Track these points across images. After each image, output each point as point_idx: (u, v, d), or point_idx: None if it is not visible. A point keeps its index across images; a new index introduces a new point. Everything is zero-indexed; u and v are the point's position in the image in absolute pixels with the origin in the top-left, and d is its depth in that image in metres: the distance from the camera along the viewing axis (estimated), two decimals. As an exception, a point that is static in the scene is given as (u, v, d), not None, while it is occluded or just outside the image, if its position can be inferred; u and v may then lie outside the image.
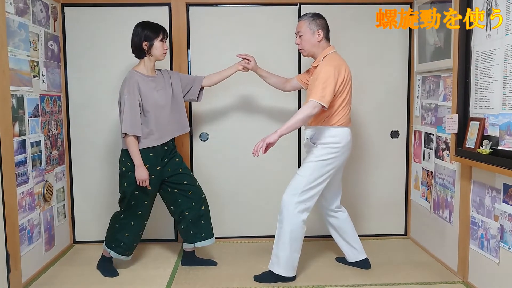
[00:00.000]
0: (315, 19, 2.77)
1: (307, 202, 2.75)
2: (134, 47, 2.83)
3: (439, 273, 2.97)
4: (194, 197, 2.99)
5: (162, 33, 2.82)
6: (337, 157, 2.76)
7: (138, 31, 2.80)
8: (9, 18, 2.64)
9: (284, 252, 2.76)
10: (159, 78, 2.91)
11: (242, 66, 3.05)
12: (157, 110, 2.82)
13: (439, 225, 3.15)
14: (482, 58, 2.53)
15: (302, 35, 2.80)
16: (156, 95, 2.83)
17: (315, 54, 2.82)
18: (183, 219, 3.00)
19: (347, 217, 3.01)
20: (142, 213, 2.90)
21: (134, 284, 2.85)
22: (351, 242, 3.01)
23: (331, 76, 2.63)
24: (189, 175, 3.02)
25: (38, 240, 3.00)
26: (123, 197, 2.88)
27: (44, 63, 3.11)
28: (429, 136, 3.26)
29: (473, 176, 2.69)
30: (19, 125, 2.76)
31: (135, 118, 2.72)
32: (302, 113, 2.62)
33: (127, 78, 2.78)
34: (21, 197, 2.78)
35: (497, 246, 2.47)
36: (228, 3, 3.46)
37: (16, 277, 2.69)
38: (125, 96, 2.72)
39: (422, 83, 3.38)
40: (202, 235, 3.02)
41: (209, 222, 3.06)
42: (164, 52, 2.85)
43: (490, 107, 2.47)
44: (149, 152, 2.81)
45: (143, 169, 2.75)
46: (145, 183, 2.77)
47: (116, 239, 2.92)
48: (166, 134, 2.90)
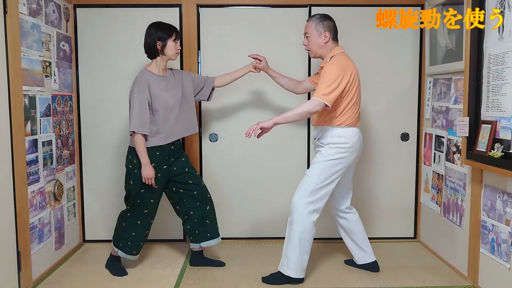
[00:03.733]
0: (323, 21, 2.78)
1: (317, 203, 2.74)
2: (147, 47, 2.85)
3: (448, 277, 2.94)
4: (199, 197, 2.99)
5: (175, 33, 2.85)
6: (346, 157, 2.75)
7: (152, 31, 2.83)
8: (22, 18, 2.68)
9: (293, 253, 2.75)
10: (170, 78, 2.92)
11: (253, 66, 3.07)
12: (166, 109, 2.84)
13: (449, 228, 3.12)
14: (494, 60, 2.50)
15: (309, 36, 2.81)
16: (166, 95, 2.84)
17: (322, 55, 2.83)
18: (188, 219, 3.01)
19: (357, 219, 2.99)
20: (148, 212, 2.92)
21: (143, 283, 2.86)
22: (360, 244, 2.99)
23: (336, 75, 2.63)
24: (195, 174, 3.03)
25: (48, 238, 3.03)
26: (128, 195, 2.90)
27: (56, 63, 3.14)
28: (440, 139, 3.23)
29: (484, 180, 2.67)
30: (31, 124, 2.79)
31: (143, 116, 2.74)
32: (301, 108, 2.62)
33: (138, 77, 2.81)
34: (32, 196, 2.81)
35: (508, 250, 2.44)
36: (238, 4, 3.47)
37: (26, 275, 2.72)
38: (135, 95, 2.75)
39: (433, 86, 3.36)
40: (207, 234, 3.02)
41: (214, 222, 3.06)
42: (177, 52, 2.88)
43: (502, 110, 2.45)
44: (156, 151, 2.83)
45: (150, 167, 2.77)
46: (151, 182, 2.78)
47: (123, 238, 2.94)
48: (174, 134, 2.91)
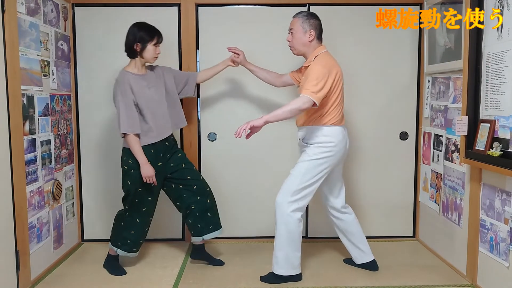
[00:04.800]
0: (309, 19, 2.77)
1: (301, 202, 2.74)
2: (127, 46, 2.83)
3: (447, 276, 2.95)
4: (199, 191, 3.00)
5: (157, 38, 2.83)
6: (331, 156, 2.74)
7: (134, 31, 2.81)
8: (21, 18, 2.67)
9: (281, 252, 2.76)
10: (150, 76, 2.92)
11: (231, 60, 3.11)
12: (152, 106, 2.84)
13: (448, 227, 3.12)
14: (493, 59, 2.50)
15: (293, 33, 2.79)
16: (148, 92, 2.84)
17: (305, 53, 2.82)
18: (190, 214, 3.01)
19: (354, 219, 2.99)
20: (146, 210, 2.92)
21: (142, 283, 2.86)
22: (358, 244, 2.99)
23: (322, 74, 2.63)
24: (192, 169, 3.04)
25: (47, 238, 3.02)
26: (127, 195, 2.90)
27: (55, 62, 3.14)
28: (439, 138, 3.23)
29: (483, 179, 2.67)
30: (29, 124, 2.78)
31: (132, 117, 2.74)
32: (291, 105, 2.61)
33: (118, 79, 2.80)
34: (31, 195, 2.80)
35: (507, 249, 2.45)
36: (237, 4, 3.47)
37: (25, 275, 2.71)
38: (118, 98, 2.74)
39: (432, 85, 3.36)
40: (209, 227, 3.03)
41: (216, 214, 3.07)
42: (155, 57, 2.86)
43: (500, 109, 2.45)
44: (149, 149, 2.83)
45: (149, 166, 2.77)
46: (152, 180, 2.78)
47: (122, 237, 2.93)
48: (165, 130, 2.92)
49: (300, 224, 2.76)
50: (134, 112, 2.76)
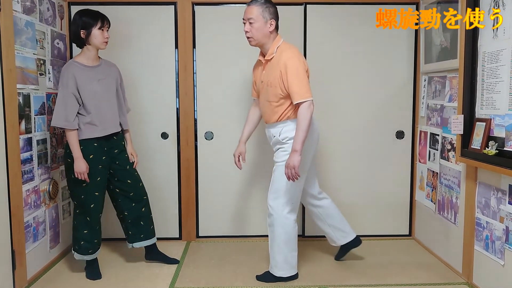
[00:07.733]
0: (269, 7, 2.60)
1: (294, 200, 2.73)
2: (72, 36, 2.77)
3: (443, 274, 2.96)
4: (136, 198, 2.96)
5: (101, 21, 2.72)
6: (310, 146, 2.71)
7: (76, 18, 2.74)
8: (16, 16, 2.66)
9: (280, 255, 2.75)
10: (102, 69, 2.84)
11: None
12: (97, 101, 2.75)
13: (443, 226, 3.13)
14: (489, 58, 2.51)
15: (253, 23, 2.59)
16: (96, 86, 2.75)
17: (264, 44, 2.66)
18: (123, 219, 3.01)
19: (331, 202, 2.98)
20: (94, 206, 2.83)
21: (138, 282, 2.86)
22: (339, 226, 2.98)
23: (300, 67, 2.55)
24: (134, 174, 2.98)
25: (43, 237, 3.02)
26: (71, 191, 2.84)
27: (51, 61, 3.13)
28: (435, 137, 3.24)
29: (478, 177, 2.68)
30: (25, 123, 2.77)
31: (69, 111, 2.66)
32: (304, 119, 2.52)
33: (63, 69, 2.72)
34: (27, 195, 2.79)
35: (502, 247, 2.46)
36: (233, 2, 3.46)
37: (21, 274, 2.71)
38: (59, 89, 2.68)
39: (428, 84, 3.37)
40: (141, 236, 3.01)
41: (149, 223, 3.04)
42: (105, 41, 2.76)
43: (496, 108, 2.46)
44: (93, 142, 2.76)
45: (82, 162, 2.69)
46: (83, 176, 2.70)
47: (76, 239, 2.87)
48: (112, 126, 2.84)
49: (296, 225, 2.76)
50: (72, 105, 2.66)
